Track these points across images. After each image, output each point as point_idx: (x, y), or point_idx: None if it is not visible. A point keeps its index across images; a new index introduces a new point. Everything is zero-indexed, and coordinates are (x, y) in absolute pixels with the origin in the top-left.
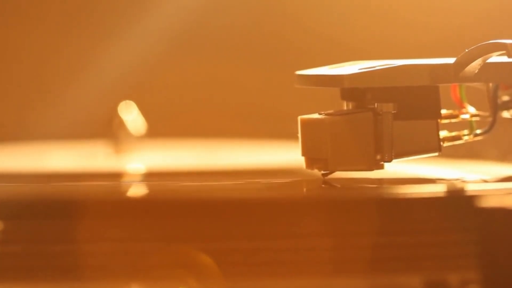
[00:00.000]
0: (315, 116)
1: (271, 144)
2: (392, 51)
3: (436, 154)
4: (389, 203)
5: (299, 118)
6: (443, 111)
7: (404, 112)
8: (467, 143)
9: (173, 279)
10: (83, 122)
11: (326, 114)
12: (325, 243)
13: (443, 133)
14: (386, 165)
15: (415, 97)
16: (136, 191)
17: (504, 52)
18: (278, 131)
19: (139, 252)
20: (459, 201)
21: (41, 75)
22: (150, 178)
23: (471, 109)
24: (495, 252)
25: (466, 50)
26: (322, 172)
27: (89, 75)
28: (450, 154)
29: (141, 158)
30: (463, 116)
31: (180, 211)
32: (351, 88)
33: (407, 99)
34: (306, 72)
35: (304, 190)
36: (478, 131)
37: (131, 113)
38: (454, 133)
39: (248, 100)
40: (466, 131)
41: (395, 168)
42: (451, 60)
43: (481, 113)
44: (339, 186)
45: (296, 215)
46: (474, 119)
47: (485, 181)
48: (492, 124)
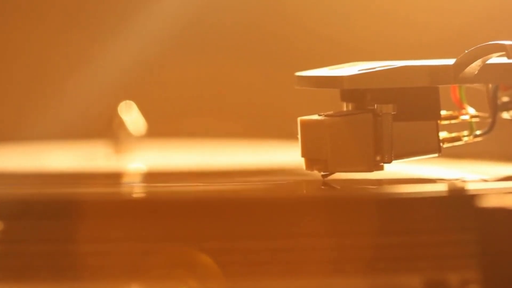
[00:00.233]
0: (315, 117)
1: (271, 144)
2: (392, 51)
3: (436, 155)
4: (389, 203)
5: (299, 119)
6: (443, 112)
7: (404, 113)
8: (467, 144)
9: (173, 279)
10: (83, 122)
11: (326, 115)
12: (325, 244)
13: (443, 134)
14: (386, 166)
15: (415, 98)
16: (136, 191)
17: (504, 53)
18: (278, 131)
19: (139, 252)
20: (459, 201)
21: (41, 75)
22: (150, 178)
23: (471, 110)
24: (495, 252)
25: (466, 51)
26: (322, 173)
27: (89, 75)
28: (450, 155)
29: (141, 158)
30: (463, 117)
31: (180, 211)
32: (351, 89)
33: (407, 100)
34: (306, 73)
35: (304, 191)
36: (478, 132)
37: (131, 113)
38: (454, 134)
39: (248, 100)
40: (466, 132)
41: (395, 169)
42: (451, 61)
43: (481, 114)
44: (339, 187)
45: (296, 216)
46: (474, 120)
47: (485, 181)
48: (492, 125)
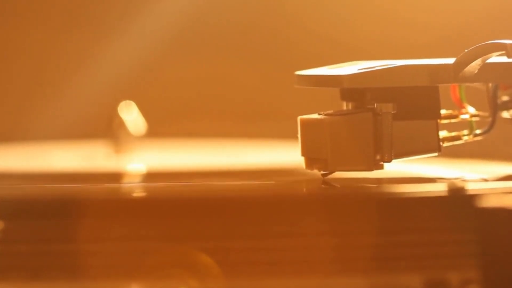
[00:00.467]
0: (315, 116)
1: (271, 144)
2: (392, 51)
3: (436, 154)
4: (389, 203)
5: (299, 118)
6: (443, 111)
7: (404, 112)
8: (467, 143)
9: (173, 279)
10: (83, 122)
11: (326, 114)
12: (325, 243)
13: (443, 133)
14: (386, 165)
15: (415, 97)
16: (136, 191)
17: (504, 52)
18: (278, 131)
19: (139, 252)
20: (459, 200)
21: (41, 75)
22: (150, 178)
23: (471, 109)
24: (495, 252)
25: (466, 50)
26: (322, 172)
27: (89, 75)
28: (450, 154)
29: (141, 158)
30: (463, 116)
31: (180, 211)
32: (351, 88)
33: (407, 99)
34: (306, 72)
35: (304, 190)
36: (478, 131)
37: (131, 113)
38: (454, 133)
39: (248, 100)
40: (466, 131)
41: (395, 168)
42: (451, 61)
43: (481, 113)
44: (339, 186)
45: (296, 215)
46: (474, 119)
47: (485, 180)
48: (492, 124)
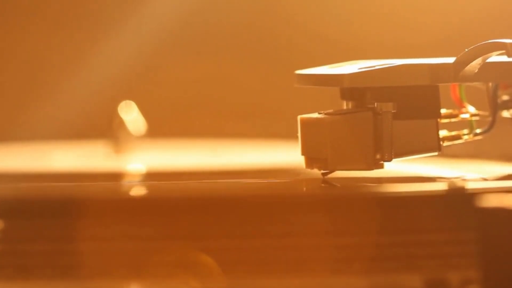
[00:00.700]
0: (315, 116)
1: (271, 144)
2: (392, 51)
3: (436, 154)
4: (389, 202)
5: (299, 118)
6: (443, 111)
7: (404, 112)
8: (467, 143)
9: (174, 278)
10: (83, 122)
11: (326, 114)
12: (325, 242)
13: (443, 133)
14: (386, 165)
15: (415, 97)
16: (136, 191)
17: (504, 52)
18: (278, 131)
19: (139, 251)
20: (459, 200)
21: (41, 75)
22: (150, 178)
23: (471, 109)
24: (495, 251)
25: (466, 50)
26: (322, 172)
27: (89, 75)
28: (450, 153)
29: (141, 158)
30: (463, 116)
31: (180, 211)
32: (351, 88)
33: (407, 99)
34: (306, 72)
35: (304, 190)
36: (478, 131)
37: (131, 113)
38: (454, 133)
39: (248, 100)
40: (466, 131)
41: (395, 168)
42: (451, 60)
43: (481, 113)
44: (339, 186)
45: (296, 214)
46: (474, 119)
47: (485, 180)
48: (492, 124)
